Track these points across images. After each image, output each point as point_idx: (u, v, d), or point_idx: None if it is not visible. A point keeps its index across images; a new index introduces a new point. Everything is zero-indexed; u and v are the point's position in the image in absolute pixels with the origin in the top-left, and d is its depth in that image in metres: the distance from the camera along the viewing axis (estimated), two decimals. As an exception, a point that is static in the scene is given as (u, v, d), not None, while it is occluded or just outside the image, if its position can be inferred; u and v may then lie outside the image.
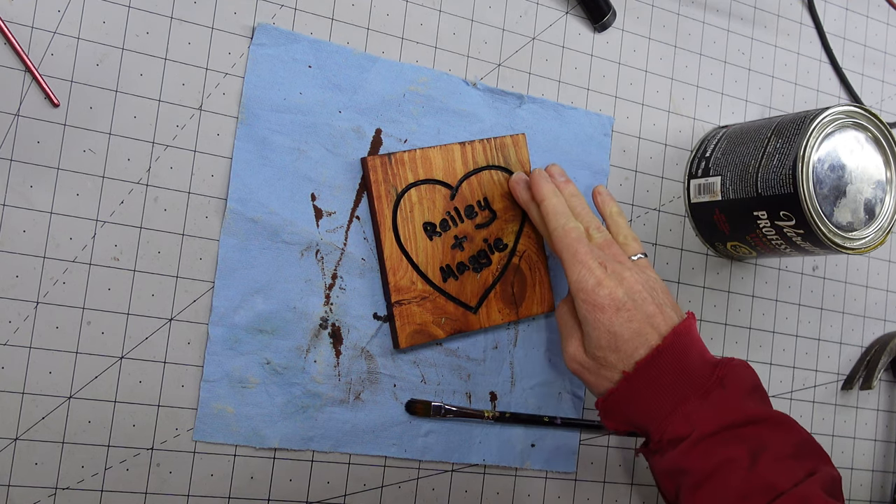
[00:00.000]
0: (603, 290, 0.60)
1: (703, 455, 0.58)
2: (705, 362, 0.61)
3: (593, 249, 0.62)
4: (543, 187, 0.65)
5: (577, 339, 0.63)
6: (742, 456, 0.57)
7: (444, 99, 0.69)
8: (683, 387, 0.59)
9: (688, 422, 0.59)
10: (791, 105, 0.84)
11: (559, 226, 0.63)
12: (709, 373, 0.60)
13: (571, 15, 0.75)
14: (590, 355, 0.61)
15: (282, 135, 0.64)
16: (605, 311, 0.60)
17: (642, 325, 0.60)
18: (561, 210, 0.64)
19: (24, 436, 0.58)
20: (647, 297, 0.61)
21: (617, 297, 0.60)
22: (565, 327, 0.64)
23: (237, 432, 0.62)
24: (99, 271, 0.60)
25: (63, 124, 0.59)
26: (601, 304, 0.60)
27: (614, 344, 0.60)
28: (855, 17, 0.89)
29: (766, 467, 0.57)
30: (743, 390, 0.60)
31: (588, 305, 0.60)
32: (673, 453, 0.59)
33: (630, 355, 0.60)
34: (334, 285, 0.65)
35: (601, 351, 0.60)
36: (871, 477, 0.87)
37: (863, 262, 0.87)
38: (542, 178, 0.66)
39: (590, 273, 0.60)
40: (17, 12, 0.58)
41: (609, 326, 0.60)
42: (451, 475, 0.69)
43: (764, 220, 0.71)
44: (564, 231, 0.62)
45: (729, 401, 0.59)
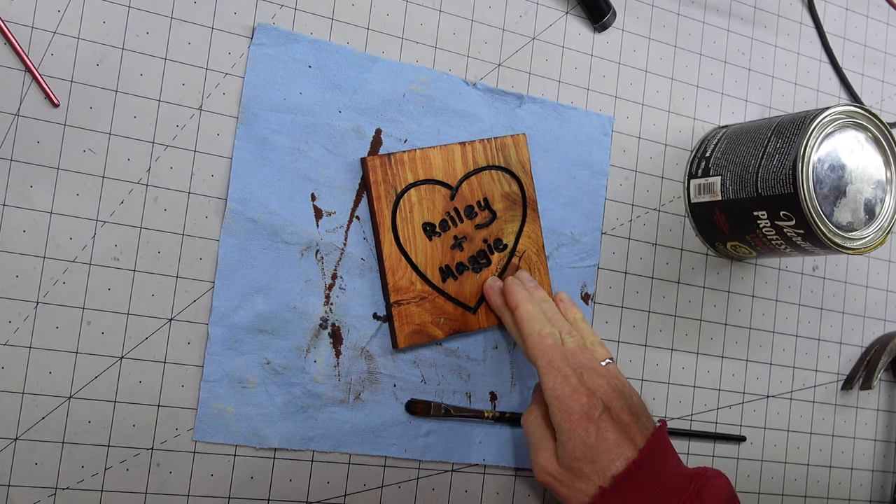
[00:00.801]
0: (580, 398, 0.59)
1: None
2: (681, 473, 0.60)
3: (568, 356, 0.61)
4: (517, 294, 0.65)
5: (548, 449, 0.61)
6: None
7: (444, 99, 0.69)
8: (661, 501, 0.58)
9: None
10: (791, 105, 0.84)
11: (534, 331, 0.62)
12: (685, 485, 0.59)
13: (571, 15, 0.75)
14: (564, 466, 0.60)
15: (282, 135, 0.64)
16: (581, 421, 0.58)
17: (619, 437, 0.59)
18: (536, 316, 0.63)
19: (24, 436, 0.58)
20: (622, 406, 0.60)
21: (593, 406, 0.59)
22: (534, 436, 0.62)
23: (237, 432, 0.62)
24: (99, 271, 0.60)
25: (63, 124, 0.59)
26: (578, 414, 0.58)
27: (590, 455, 0.58)
28: (855, 17, 0.89)
29: None
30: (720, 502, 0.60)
31: (564, 414, 0.59)
32: None
33: (606, 468, 0.58)
34: (334, 285, 0.65)
35: (577, 462, 0.59)
36: (871, 477, 0.87)
37: (863, 262, 0.87)
38: (515, 285, 0.66)
39: (566, 381, 0.59)
40: (17, 12, 0.58)
41: (585, 437, 0.58)
42: (451, 475, 0.69)
43: (764, 220, 0.71)
44: (540, 337, 0.62)
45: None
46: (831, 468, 0.85)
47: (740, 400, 0.80)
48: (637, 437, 0.60)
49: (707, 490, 0.59)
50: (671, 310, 0.77)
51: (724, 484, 0.61)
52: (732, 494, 0.61)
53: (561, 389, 0.59)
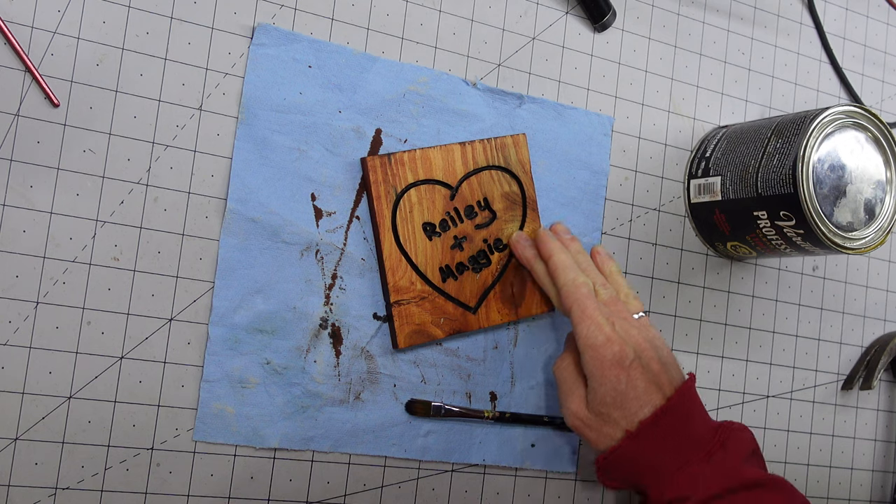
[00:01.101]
0: (612, 346, 0.60)
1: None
2: (706, 424, 0.62)
3: (601, 306, 0.62)
4: (550, 243, 0.66)
5: (579, 395, 0.63)
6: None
7: (444, 99, 0.69)
8: (686, 449, 0.60)
9: (690, 484, 0.59)
10: (791, 105, 0.84)
11: (569, 280, 0.63)
12: (710, 436, 0.61)
13: (571, 15, 0.75)
14: (593, 411, 0.61)
15: (282, 135, 0.64)
16: (612, 368, 0.60)
17: (648, 385, 0.60)
18: (570, 265, 0.64)
19: (24, 436, 0.58)
20: (653, 356, 0.61)
21: (625, 354, 0.60)
22: (566, 382, 0.64)
23: (237, 432, 0.62)
24: (99, 271, 0.60)
25: (63, 124, 0.59)
26: (610, 361, 0.60)
27: (620, 401, 0.60)
28: (855, 17, 0.89)
29: None
30: (744, 454, 0.61)
31: (596, 362, 0.60)
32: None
33: (634, 414, 0.60)
34: (334, 285, 0.65)
35: (605, 408, 0.60)
36: (871, 477, 0.87)
37: (863, 262, 0.87)
38: (549, 235, 0.67)
39: (599, 330, 0.60)
40: (17, 12, 0.58)
41: (616, 384, 0.60)
42: (451, 475, 0.69)
43: (764, 220, 0.71)
44: (575, 286, 0.63)
45: (730, 464, 0.60)
46: (831, 468, 0.85)
47: (740, 400, 0.80)
48: (666, 386, 0.61)
49: (731, 441, 0.61)
50: (671, 310, 0.77)
51: (749, 437, 0.62)
52: (756, 448, 0.62)
53: (594, 337, 0.60)
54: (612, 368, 0.60)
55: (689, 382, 0.62)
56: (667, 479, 0.59)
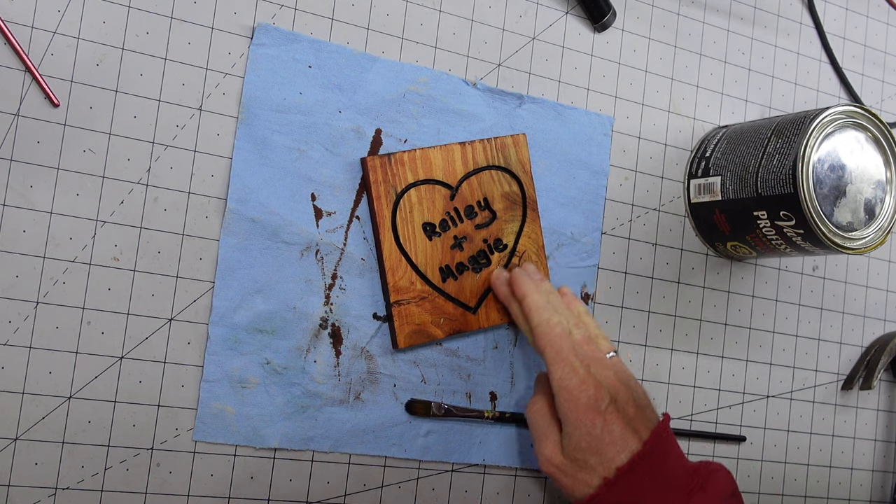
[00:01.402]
0: (588, 390, 0.59)
1: None
2: (683, 466, 0.60)
3: (575, 347, 0.61)
4: (525, 284, 0.65)
5: (553, 439, 0.61)
6: None
7: (444, 99, 0.69)
8: (665, 493, 0.58)
9: None
10: (791, 105, 0.84)
11: (543, 321, 0.62)
12: (689, 478, 0.59)
13: (571, 15, 0.75)
14: (568, 457, 0.60)
15: (282, 135, 0.64)
16: (588, 413, 0.58)
17: (624, 429, 0.59)
18: (544, 305, 0.63)
19: (24, 436, 0.58)
20: (628, 399, 0.60)
21: (601, 398, 0.59)
22: (539, 426, 0.62)
23: (237, 432, 0.62)
24: (99, 271, 0.60)
25: (63, 124, 0.59)
26: (585, 405, 0.58)
27: (596, 447, 0.58)
28: (855, 17, 0.89)
29: None
30: (723, 495, 0.60)
31: (571, 405, 0.59)
32: None
33: (611, 460, 0.58)
34: (334, 285, 0.65)
35: (581, 453, 0.59)
36: (871, 477, 0.87)
37: (863, 262, 0.87)
38: (523, 275, 0.66)
39: (574, 372, 0.59)
40: (17, 12, 0.58)
41: (591, 429, 0.58)
42: (451, 475, 0.69)
43: (764, 220, 0.71)
44: (549, 326, 0.62)
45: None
46: (831, 468, 0.85)
47: (740, 400, 0.80)
48: (641, 429, 0.60)
49: (711, 483, 0.59)
50: (671, 310, 0.77)
51: (727, 477, 0.61)
52: (735, 489, 0.61)
53: (569, 380, 0.59)
54: (588, 413, 0.58)
55: (663, 424, 0.61)
56: None
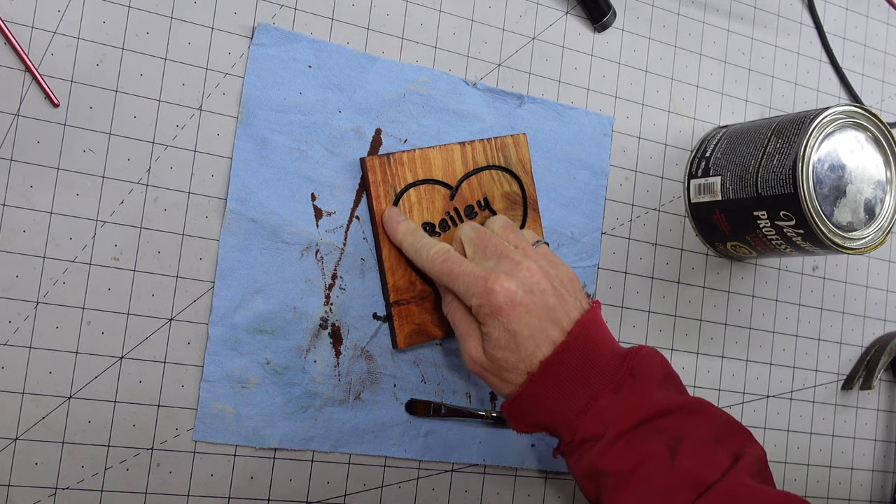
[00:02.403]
0: (495, 286, 0.55)
1: (620, 454, 0.54)
2: (614, 354, 0.57)
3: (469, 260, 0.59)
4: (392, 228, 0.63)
5: (475, 338, 0.58)
6: (661, 450, 0.54)
7: (444, 99, 0.69)
8: (593, 383, 0.56)
9: (601, 420, 0.55)
10: (791, 105, 0.84)
11: (423, 258, 0.60)
12: (617, 365, 0.56)
13: (571, 15, 0.75)
14: (489, 357, 0.57)
15: (282, 135, 0.64)
16: (502, 309, 0.55)
17: (542, 322, 0.56)
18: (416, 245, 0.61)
19: (24, 436, 0.58)
20: (546, 288, 0.56)
21: (511, 291, 0.55)
22: (461, 326, 0.59)
23: (237, 432, 0.62)
24: (99, 271, 0.60)
25: (63, 124, 0.59)
26: (495, 304, 0.55)
27: (514, 343, 0.56)
28: (855, 17, 0.89)
29: (687, 459, 0.54)
30: (655, 380, 0.57)
31: (483, 308, 0.56)
32: (589, 455, 0.55)
33: (532, 354, 0.56)
34: (334, 285, 0.65)
35: (501, 351, 0.56)
36: (871, 477, 0.87)
37: (863, 262, 0.87)
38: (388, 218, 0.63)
39: (474, 278, 0.57)
40: (17, 12, 0.58)
41: (507, 325, 0.55)
42: (451, 475, 0.69)
43: (764, 220, 0.71)
44: (430, 261, 0.60)
45: (641, 393, 0.56)
46: (831, 468, 0.85)
47: (740, 400, 0.80)
48: (563, 319, 0.57)
49: (640, 368, 0.57)
50: (671, 310, 0.77)
51: (660, 361, 0.58)
52: (670, 372, 0.58)
53: (473, 287, 0.56)
54: (502, 309, 0.55)
55: (591, 311, 0.58)
56: (575, 418, 0.56)
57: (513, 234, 0.61)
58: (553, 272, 0.58)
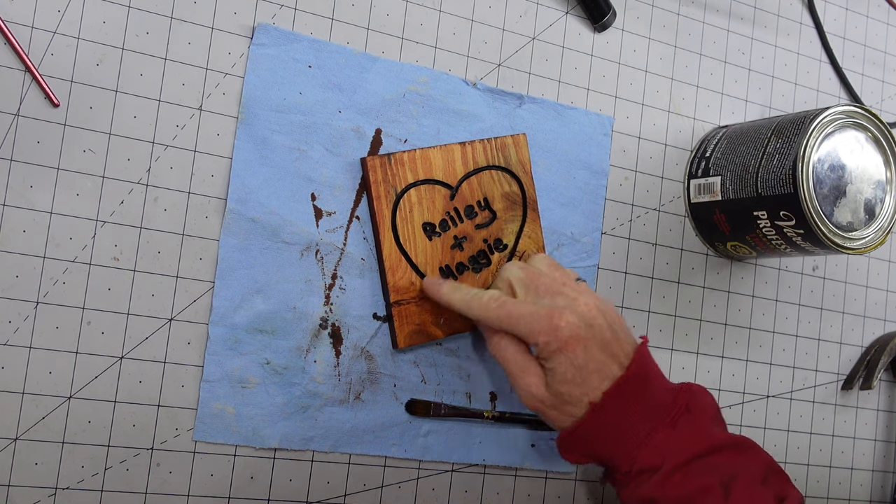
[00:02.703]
0: (560, 322, 0.57)
1: (678, 486, 0.57)
2: (666, 389, 0.60)
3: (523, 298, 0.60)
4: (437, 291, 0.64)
5: (534, 374, 0.60)
6: (716, 486, 0.57)
7: (444, 99, 0.69)
8: (651, 417, 0.58)
9: (659, 453, 0.58)
10: (791, 105, 0.84)
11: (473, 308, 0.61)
12: (672, 400, 0.59)
13: (571, 15, 0.75)
14: (552, 391, 0.59)
15: (282, 135, 0.64)
16: (567, 345, 0.57)
17: (603, 355, 0.58)
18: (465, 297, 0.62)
19: (24, 436, 0.58)
20: (602, 324, 0.59)
21: (576, 326, 0.57)
22: (517, 362, 0.60)
23: (237, 432, 0.62)
24: (99, 271, 0.60)
25: (63, 124, 0.59)
26: (562, 339, 0.57)
27: (579, 377, 0.58)
28: (855, 17, 0.89)
29: (740, 498, 0.57)
30: (709, 416, 0.60)
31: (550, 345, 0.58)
32: (647, 486, 0.58)
33: (596, 388, 0.58)
34: (334, 285, 0.65)
35: (566, 386, 0.58)
36: (871, 477, 0.87)
37: (863, 262, 0.87)
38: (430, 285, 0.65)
39: (537, 317, 0.58)
40: (17, 12, 0.58)
41: (573, 360, 0.57)
42: (451, 475, 0.69)
43: (764, 220, 0.71)
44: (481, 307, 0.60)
45: (696, 429, 0.59)
46: (831, 468, 0.85)
47: (740, 400, 0.80)
48: (620, 354, 0.59)
49: (695, 405, 0.60)
50: (671, 310, 0.77)
51: (711, 400, 0.61)
52: (718, 410, 0.62)
53: (538, 324, 0.58)
54: (569, 343, 0.57)
55: (642, 348, 0.60)
56: (635, 449, 0.58)
57: (558, 271, 0.63)
58: (604, 308, 0.60)
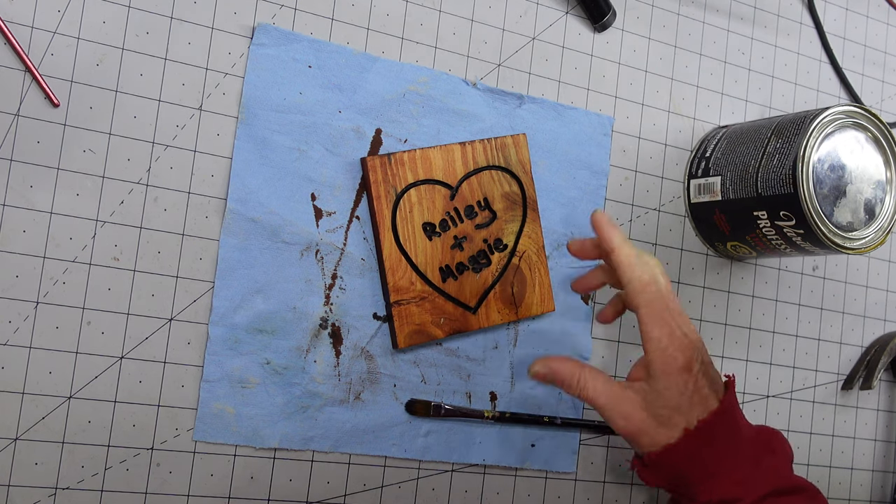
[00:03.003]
0: (685, 352, 0.60)
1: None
2: (750, 426, 0.63)
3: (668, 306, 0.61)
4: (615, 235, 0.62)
5: (630, 400, 0.61)
6: None
7: (444, 99, 0.69)
8: (736, 451, 0.60)
9: (742, 486, 0.60)
10: (791, 105, 0.84)
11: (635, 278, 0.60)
12: (755, 438, 0.62)
13: (571, 15, 0.75)
14: (651, 413, 0.60)
15: (282, 135, 0.64)
16: (682, 373, 0.59)
17: (706, 387, 0.60)
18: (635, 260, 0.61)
19: (24, 436, 0.58)
20: (708, 358, 0.62)
21: (694, 359, 0.60)
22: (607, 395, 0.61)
23: (237, 432, 0.62)
24: (99, 271, 0.60)
25: (63, 124, 0.59)
26: (681, 366, 0.59)
27: (684, 405, 0.60)
28: (855, 17, 0.89)
29: None
30: (788, 459, 0.63)
31: (667, 366, 0.59)
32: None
33: (694, 415, 0.60)
34: (334, 285, 0.65)
35: (668, 410, 0.60)
36: (871, 477, 0.87)
37: (863, 262, 0.87)
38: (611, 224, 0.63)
39: (672, 336, 0.60)
40: (17, 12, 0.58)
41: (683, 388, 0.59)
42: (451, 475, 0.69)
43: (764, 220, 0.71)
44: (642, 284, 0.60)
45: (777, 469, 0.61)
46: (831, 468, 0.85)
47: (740, 400, 0.80)
48: (717, 386, 0.61)
49: (778, 446, 0.63)
50: (671, 310, 0.77)
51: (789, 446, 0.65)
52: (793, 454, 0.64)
53: (667, 343, 0.60)
54: (682, 373, 0.59)
55: (733, 383, 0.63)
56: (719, 479, 0.60)
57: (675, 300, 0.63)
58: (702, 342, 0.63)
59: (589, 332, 0.73)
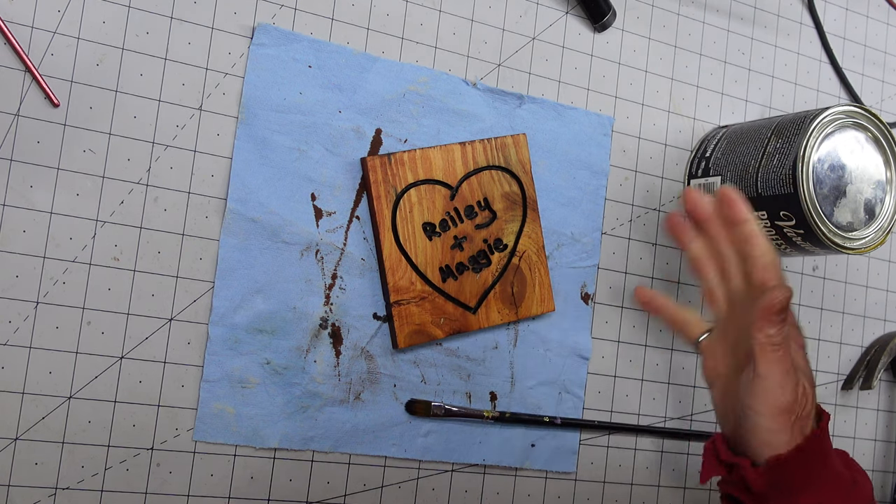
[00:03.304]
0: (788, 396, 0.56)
1: None
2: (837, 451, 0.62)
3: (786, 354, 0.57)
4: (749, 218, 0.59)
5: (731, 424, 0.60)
6: None
7: (444, 99, 0.69)
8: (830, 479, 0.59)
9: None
10: (791, 105, 0.84)
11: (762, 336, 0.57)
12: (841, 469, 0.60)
13: (571, 15, 0.75)
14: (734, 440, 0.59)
15: (282, 135, 0.64)
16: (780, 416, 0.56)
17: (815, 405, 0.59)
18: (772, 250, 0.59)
19: (24, 436, 0.58)
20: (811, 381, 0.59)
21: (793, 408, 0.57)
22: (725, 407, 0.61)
23: (237, 432, 0.62)
24: (99, 271, 0.60)
25: (63, 124, 0.59)
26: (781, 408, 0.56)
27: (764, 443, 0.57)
28: (855, 17, 0.89)
29: None
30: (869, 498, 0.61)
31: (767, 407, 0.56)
32: None
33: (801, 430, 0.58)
34: (334, 285, 0.65)
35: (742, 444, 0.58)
36: (870, 477, 0.87)
37: (863, 262, 0.87)
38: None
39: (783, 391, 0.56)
40: (17, 12, 0.58)
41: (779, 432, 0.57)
42: (451, 475, 0.69)
43: (764, 220, 0.71)
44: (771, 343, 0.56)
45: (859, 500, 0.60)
46: (831, 468, 0.84)
47: (740, 400, 0.80)
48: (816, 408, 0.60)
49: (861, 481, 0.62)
50: (671, 310, 0.77)
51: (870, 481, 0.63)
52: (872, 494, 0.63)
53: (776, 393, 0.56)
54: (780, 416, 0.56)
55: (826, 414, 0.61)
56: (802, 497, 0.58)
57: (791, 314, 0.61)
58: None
59: (589, 332, 0.73)
